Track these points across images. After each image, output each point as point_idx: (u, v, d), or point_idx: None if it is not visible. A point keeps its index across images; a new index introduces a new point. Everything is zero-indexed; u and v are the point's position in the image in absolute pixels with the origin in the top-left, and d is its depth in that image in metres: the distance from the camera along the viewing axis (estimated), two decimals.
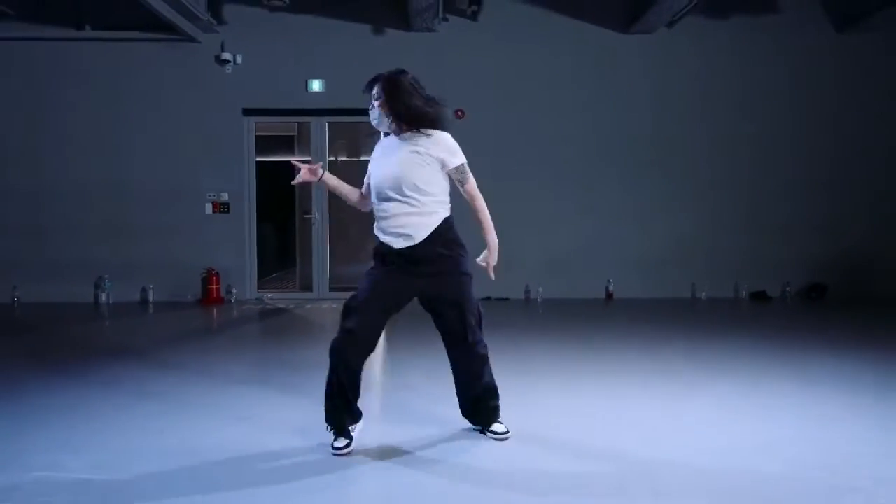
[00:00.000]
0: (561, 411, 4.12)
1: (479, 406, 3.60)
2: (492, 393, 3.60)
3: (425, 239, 3.31)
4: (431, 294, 3.40)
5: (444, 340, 3.51)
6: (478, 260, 3.46)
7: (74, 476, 3.10)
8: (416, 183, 3.32)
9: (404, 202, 3.32)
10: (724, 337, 6.42)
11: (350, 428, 3.44)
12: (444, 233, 3.35)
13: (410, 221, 3.31)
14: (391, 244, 3.35)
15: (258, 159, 9.58)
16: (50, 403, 4.24)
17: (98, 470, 3.17)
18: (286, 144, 10.72)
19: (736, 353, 5.69)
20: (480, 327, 3.48)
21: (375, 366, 4.25)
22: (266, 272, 10.69)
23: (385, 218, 3.38)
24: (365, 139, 10.68)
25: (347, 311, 3.35)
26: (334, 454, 3.35)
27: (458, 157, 3.42)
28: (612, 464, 3.26)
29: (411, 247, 3.32)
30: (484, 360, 3.53)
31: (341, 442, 3.39)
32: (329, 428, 3.41)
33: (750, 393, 4.46)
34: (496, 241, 3.46)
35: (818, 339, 6.28)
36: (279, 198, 10.14)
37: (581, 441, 3.56)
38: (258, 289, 9.53)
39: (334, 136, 10.73)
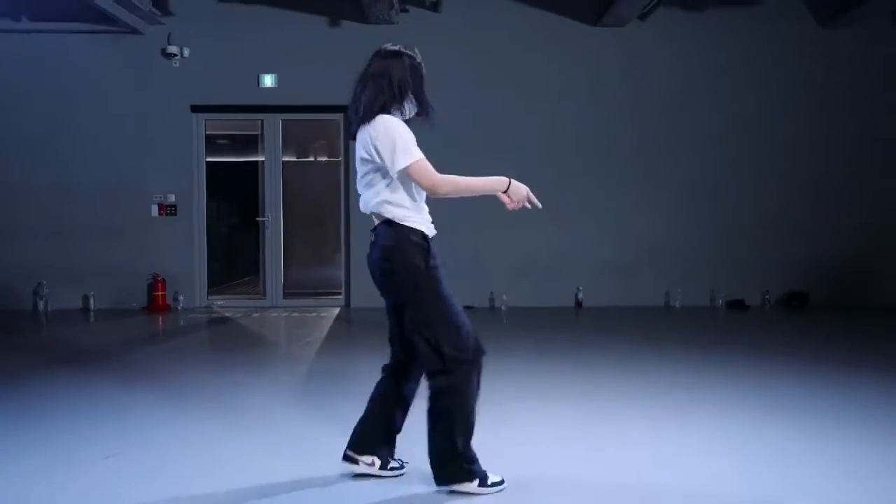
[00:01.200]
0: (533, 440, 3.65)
1: None
2: None
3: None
4: None
5: None
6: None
7: None
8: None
9: None
10: (703, 352, 5.92)
11: None
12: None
13: None
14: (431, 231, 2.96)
15: (223, 160, 9.14)
16: None
17: None
18: (250, 144, 10.26)
19: (716, 371, 5.18)
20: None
21: None
22: (236, 276, 10.26)
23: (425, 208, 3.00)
24: (339, 137, 10.23)
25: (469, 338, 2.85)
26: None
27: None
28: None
29: None
30: None
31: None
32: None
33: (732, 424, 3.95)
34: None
35: (801, 355, 5.78)
36: (247, 199, 9.64)
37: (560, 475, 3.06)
38: (209, 296, 9.03)
39: (314, 136, 10.30)
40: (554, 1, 8.72)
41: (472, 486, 2.90)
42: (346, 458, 3.08)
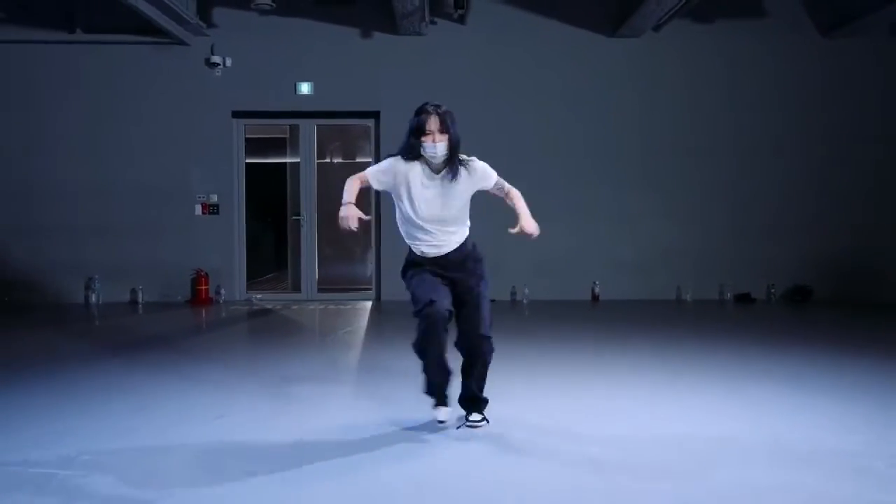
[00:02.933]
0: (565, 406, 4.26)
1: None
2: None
3: (454, 250, 3.75)
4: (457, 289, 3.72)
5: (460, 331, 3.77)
6: (512, 231, 3.92)
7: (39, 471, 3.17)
8: (457, 218, 3.74)
9: (443, 233, 3.72)
10: (715, 341, 6.44)
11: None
12: (467, 244, 3.81)
13: (446, 241, 3.73)
14: (425, 254, 3.73)
15: (251, 161, 9.70)
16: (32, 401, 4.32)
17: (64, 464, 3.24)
18: (278, 146, 10.82)
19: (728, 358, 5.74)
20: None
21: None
22: (261, 272, 10.82)
23: (419, 238, 3.72)
24: (356, 141, 10.81)
25: (420, 302, 3.60)
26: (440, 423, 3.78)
27: (493, 177, 3.89)
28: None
29: (443, 255, 3.74)
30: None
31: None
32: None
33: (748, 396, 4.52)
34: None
35: (803, 344, 6.34)
36: (273, 199, 10.23)
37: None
38: (247, 289, 9.61)
39: (329, 138, 10.84)
40: (573, 14, 9.29)
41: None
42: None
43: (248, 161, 9.63)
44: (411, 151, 3.68)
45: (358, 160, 10.70)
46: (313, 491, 2.98)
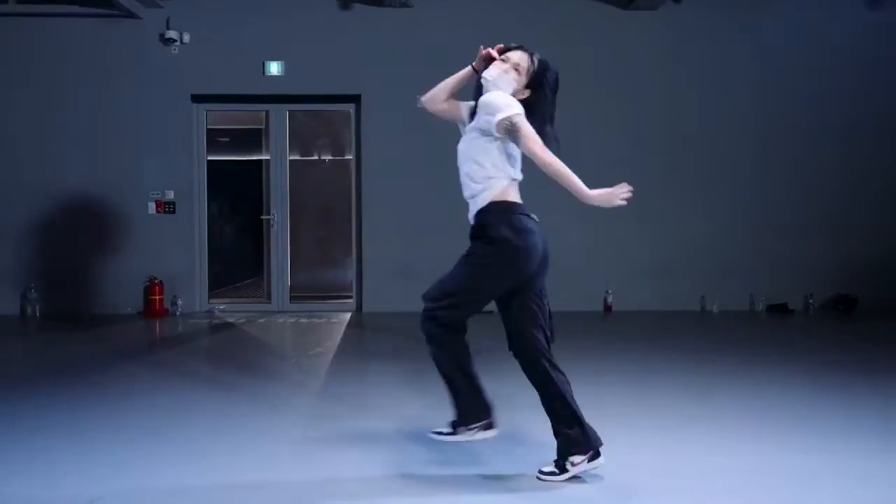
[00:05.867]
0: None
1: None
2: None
3: (474, 214, 3.11)
4: None
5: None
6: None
7: None
8: (474, 171, 3.11)
9: (467, 187, 3.16)
10: (750, 362, 5.32)
11: None
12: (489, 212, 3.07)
13: (472, 200, 3.14)
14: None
15: (226, 158, 8.65)
16: None
17: None
18: (253, 138, 9.70)
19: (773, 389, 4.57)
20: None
21: None
22: (238, 278, 9.74)
23: None
24: (346, 134, 9.65)
25: None
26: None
27: (496, 114, 2.99)
28: None
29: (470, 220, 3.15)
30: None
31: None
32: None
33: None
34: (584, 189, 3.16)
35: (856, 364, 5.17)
36: (251, 196, 9.06)
37: None
38: (210, 299, 8.43)
39: (316, 131, 9.73)
40: None
41: None
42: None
43: (226, 158, 8.53)
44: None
45: (347, 157, 9.51)
46: None
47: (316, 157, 10.13)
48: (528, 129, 2.96)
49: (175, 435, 3.63)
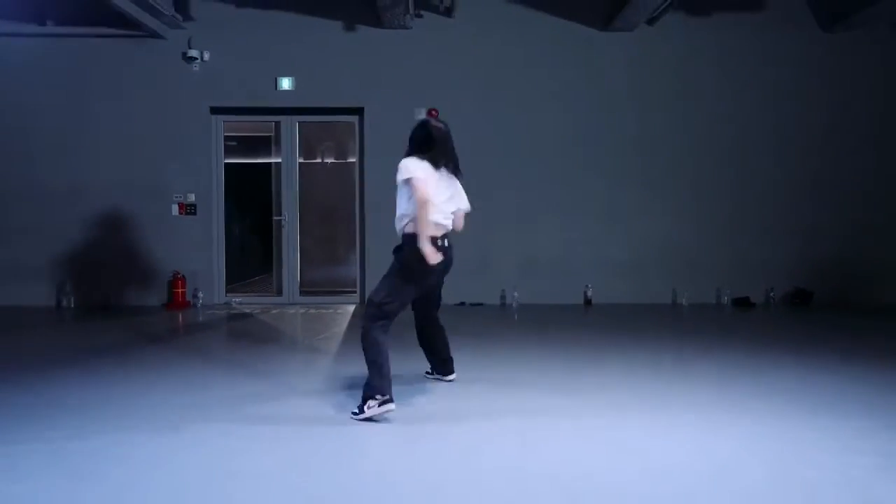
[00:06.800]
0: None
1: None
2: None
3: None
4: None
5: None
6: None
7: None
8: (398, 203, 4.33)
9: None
10: (715, 349, 6.09)
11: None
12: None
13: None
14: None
15: (239, 161, 9.32)
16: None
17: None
18: (263, 145, 10.50)
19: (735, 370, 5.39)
20: (369, 314, 4.11)
21: None
22: (249, 274, 10.49)
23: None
24: (348, 140, 10.46)
25: None
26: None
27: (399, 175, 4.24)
28: None
29: None
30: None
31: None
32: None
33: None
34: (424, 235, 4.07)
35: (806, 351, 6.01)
36: (261, 198, 9.88)
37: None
38: (227, 293, 9.26)
39: (319, 137, 10.50)
40: (564, 7, 8.95)
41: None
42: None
43: (236, 161, 9.29)
44: None
45: (350, 160, 10.34)
46: None
47: (322, 161, 10.92)
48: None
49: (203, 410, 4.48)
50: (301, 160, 10.40)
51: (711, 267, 9.00)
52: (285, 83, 8.90)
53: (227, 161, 9.31)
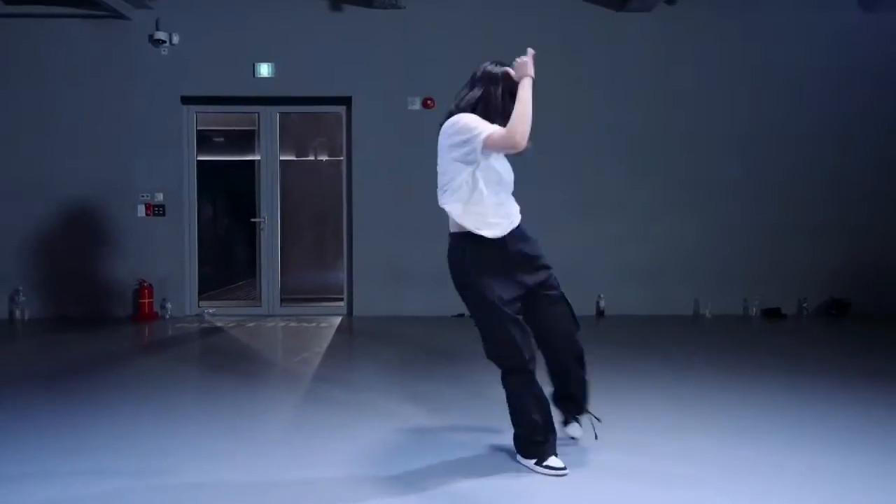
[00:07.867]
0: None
1: None
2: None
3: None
4: None
5: None
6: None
7: None
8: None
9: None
10: (748, 369, 5.25)
11: None
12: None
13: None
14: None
15: (217, 158, 8.56)
16: None
17: None
18: (249, 139, 9.64)
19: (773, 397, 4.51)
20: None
21: None
22: (233, 279, 9.67)
23: None
24: (339, 133, 9.58)
25: None
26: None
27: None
28: None
29: None
30: None
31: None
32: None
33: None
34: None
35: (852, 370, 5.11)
36: (246, 198, 8.97)
37: None
38: (200, 302, 8.37)
39: (314, 132, 9.67)
40: None
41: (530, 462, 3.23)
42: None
43: (218, 158, 8.45)
44: None
45: (340, 158, 9.43)
46: None
47: (310, 158, 10.05)
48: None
49: (162, 442, 3.58)
50: (292, 157, 9.58)
51: (739, 274, 8.12)
52: (264, 69, 8.03)
53: (207, 158, 8.50)
